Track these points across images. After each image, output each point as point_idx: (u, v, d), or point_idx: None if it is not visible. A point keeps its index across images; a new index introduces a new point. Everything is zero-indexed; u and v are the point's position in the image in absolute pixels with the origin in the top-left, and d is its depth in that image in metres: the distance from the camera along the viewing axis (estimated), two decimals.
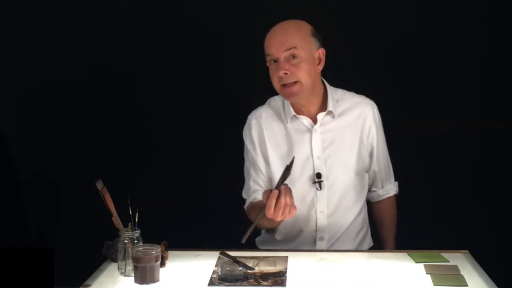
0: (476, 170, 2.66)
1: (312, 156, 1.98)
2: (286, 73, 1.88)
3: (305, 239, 2.03)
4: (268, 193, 1.72)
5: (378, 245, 2.17)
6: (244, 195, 2.10)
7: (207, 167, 2.53)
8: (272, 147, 2.02)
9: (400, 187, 2.25)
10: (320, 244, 2.02)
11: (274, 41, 1.90)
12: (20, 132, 2.77)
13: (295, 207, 1.73)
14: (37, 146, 2.78)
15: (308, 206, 1.99)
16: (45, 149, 2.77)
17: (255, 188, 2.05)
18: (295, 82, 1.89)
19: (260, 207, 1.77)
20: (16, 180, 2.79)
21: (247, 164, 2.09)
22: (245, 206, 2.08)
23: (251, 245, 2.15)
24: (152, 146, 2.75)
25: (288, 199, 1.70)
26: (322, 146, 1.98)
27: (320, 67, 1.96)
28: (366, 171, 2.09)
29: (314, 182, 1.96)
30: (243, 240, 1.70)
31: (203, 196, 2.67)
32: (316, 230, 2.02)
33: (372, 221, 2.18)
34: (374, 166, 2.09)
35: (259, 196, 1.98)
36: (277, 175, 1.94)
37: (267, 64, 1.96)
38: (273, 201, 1.69)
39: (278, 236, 2.07)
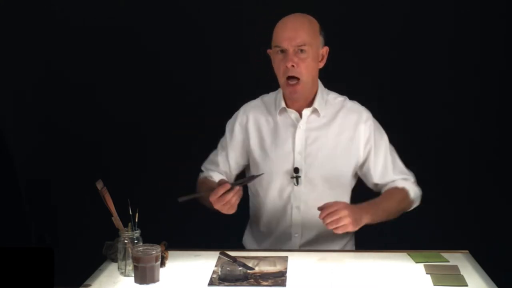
0: (476, 170, 2.66)
1: (294, 152, 2.00)
2: (293, 66, 1.91)
3: (282, 234, 2.06)
4: (223, 182, 1.82)
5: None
6: (202, 167, 2.17)
7: None
8: (255, 137, 2.06)
9: None
10: (295, 241, 2.04)
11: (285, 35, 1.92)
12: (21, 132, 2.77)
13: (235, 209, 1.83)
14: (37, 146, 2.78)
15: (284, 200, 2.03)
16: (45, 149, 2.77)
17: (213, 168, 2.13)
18: (298, 80, 1.93)
19: (211, 187, 1.87)
20: (16, 180, 2.79)
21: (219, 144, 2.16)
22: (199, 177, 2.15)
23: (240, 246, 2.20)
24: (152, 146, 2.75)
25: (234, 199, 1.79)
26: (305, 143, 2.00)
27: (322, 64, 2.00)
28: (354, 177, 2.08)
29: (292, 177, 1.99)
30: (181, 200, 1.81)
31: None
32: (291, 226, 2.04)
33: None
34: (371, 169, 2.04)
35: (214, 176, 2.07)
36: (256, 164, 2.04)
37: (271, 51, 1.99)
38: (221, 192, 1.78)
39: (262, 228, 2.11)
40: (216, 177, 2.06)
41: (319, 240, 2.04)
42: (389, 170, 2.05)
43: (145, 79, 2.72)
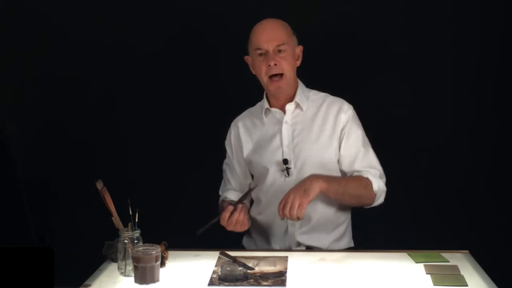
0: (475, 170, 2.66)
1: (282, 146, 2.08)
2: (276, 64, 2.01)
3: (278, 225, 2.09)
4: (227, 204, 1.94)
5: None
6: (219, 191, 2.25)
7: (207, 167, 2.53)
8: (247, 142, 2.16)
9: (399, 187, 2.24)
10: (291, 230, 2.07)
11: (264, 36, 2.04)
12: (21, 133, 2.77)
13: (247, 223, 1.94)
14: (38, 147, 2.78)
15: (278, 192, 2.05)
16: (46, 150, 2.77)
17: (227, 187, 2.22)
18: (281, 75, 2.03)
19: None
20: (17, 180, 2.79)
21: (224, 165, 2.25)
22: (219, 201, 2.22)
23: (239, 246, 2.20)
24: (152, 146, 2.75)
25: (241, 216, 1.90)
26: (292, 136, 2.09)
27: (299, 62, 2.11)
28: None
29: (283, 170, 2.06)
30: (199, 232, 1.83)
31: (203, 196, 2.67)
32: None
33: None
34: (342, 156, 2.09)
35: (229, 195, 2.17)
36: (251, 164, 2.13)
37: (248, 57, 2.10)
38: (227, 215, 1.89)
39: (260, 224, 2.15)
40: (232, 195, 2.17)
41: (316, 229, 2.07)
42: (358, 160, 2.08)
43: (146, 79, 2.72)
